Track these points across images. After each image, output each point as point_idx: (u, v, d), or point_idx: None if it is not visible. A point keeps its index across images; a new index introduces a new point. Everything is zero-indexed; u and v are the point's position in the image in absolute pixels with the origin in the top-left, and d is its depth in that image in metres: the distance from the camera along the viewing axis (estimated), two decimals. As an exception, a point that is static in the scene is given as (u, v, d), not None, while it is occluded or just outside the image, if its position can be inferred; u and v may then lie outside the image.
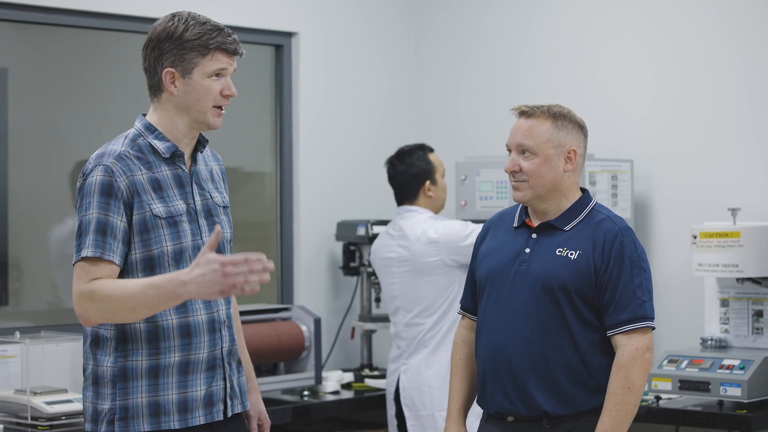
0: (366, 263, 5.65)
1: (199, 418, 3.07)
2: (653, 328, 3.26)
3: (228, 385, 3.13)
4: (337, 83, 5.94)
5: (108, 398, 3.02)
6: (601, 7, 5.59)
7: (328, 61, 5.90)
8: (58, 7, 5.01)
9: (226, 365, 3.13)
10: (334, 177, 5.90)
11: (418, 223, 4.91)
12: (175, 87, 3.06)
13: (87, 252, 2.94)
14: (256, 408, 3.34)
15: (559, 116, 3.34)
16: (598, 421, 3.20)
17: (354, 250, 5.71)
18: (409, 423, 4.91)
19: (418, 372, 4.88)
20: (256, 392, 3.36)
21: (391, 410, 5.04)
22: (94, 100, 5.31)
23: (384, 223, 5.53)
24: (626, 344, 3.21)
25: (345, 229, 5.68)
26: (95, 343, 3.05)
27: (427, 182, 4.99)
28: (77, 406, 4.34)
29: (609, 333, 3.24)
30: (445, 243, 4.82)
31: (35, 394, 4.37)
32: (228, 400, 3.13)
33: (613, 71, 5.53)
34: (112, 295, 2.90)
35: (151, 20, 5.13)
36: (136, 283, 2.91)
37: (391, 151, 5.23)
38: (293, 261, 5.79)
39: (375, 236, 5.51)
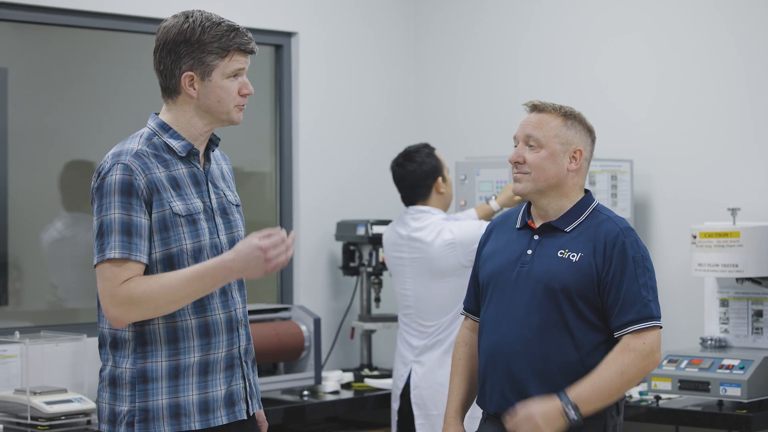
0: (365, 263, 5.65)
1: (221, 418, 3.05)
2: (660, 327, 3.24)
3: (247, 384, 3.12)
4: (337, 83, 5.94)
5: (127, 400, 2.99)
6: (601, 7, 5.59)
7: (328, 61, 5.90)
8: (58, 7, 5.01)
9: (244, 364, 3.11)
10: (334, 177, 5.90)
11: (433, 225, 4.86)
12: (195, 90, 3.04)
13: (113, 254, 2.91)
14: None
15: (570, 115, 3.35)
16: (577, 383, 3.17)
17: (354, 250, 5.70)
18: (417, 422, 4.88)
19: (432, 371, 4.86)
20: None
21: (395, 404, 5.00)
22: (93, 100, 5.31)
23: (384, 222, 5.52)
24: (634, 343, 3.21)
25: (345, 229, 5.68)
26: (114, 344, 3.02)
27: (439, 179, 4.97)
28: (77, 406, 4.34)
29: (616, 334, 3.23)
30: (461, 243, 4.77)
31: (35, 394, 4.37)
32: (248, 399, 3.12)
33: (613, 71, 5.53)
34: (153, 294, 2.91)
35: (152, 20, 5.19)
36: (176, 277, 2.93)
37: (392, 151, 5.23)
38: (293, 261, 5.78)
39: (375, 236, 5.50)
